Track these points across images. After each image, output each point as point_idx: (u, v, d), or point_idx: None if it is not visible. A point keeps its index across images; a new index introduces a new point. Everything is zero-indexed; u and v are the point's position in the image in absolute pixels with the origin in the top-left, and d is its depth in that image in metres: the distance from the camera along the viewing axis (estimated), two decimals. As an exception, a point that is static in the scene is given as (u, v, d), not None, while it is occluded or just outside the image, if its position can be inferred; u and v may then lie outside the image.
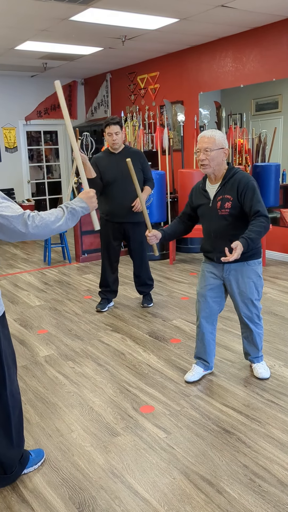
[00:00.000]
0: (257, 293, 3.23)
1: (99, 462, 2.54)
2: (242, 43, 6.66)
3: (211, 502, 2.24)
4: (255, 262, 3.17)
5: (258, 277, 3.21)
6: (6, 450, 2.30)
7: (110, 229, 4.62)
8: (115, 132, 4.36)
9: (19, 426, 2.38)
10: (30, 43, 6.65)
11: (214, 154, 2.96)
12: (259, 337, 3.37)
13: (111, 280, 4.84)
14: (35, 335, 4.27)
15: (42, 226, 2.09)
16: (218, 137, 2.98)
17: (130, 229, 4.61)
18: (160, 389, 3.28)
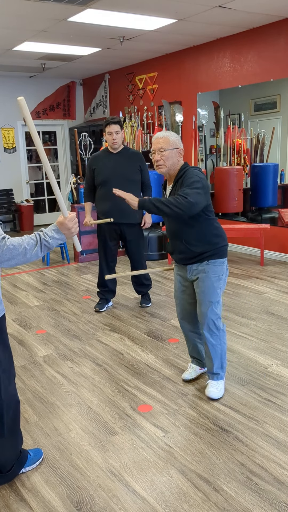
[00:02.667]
0: (215, 295, 3.06)
1: (97, 461, 2.56)
2: (240, 43, 6.68)
3: (208, 500, 2.26)
4: (216, 262, 3.04)
5: (218, 278, 3.05)
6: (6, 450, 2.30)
7: (106, 230, 4.63)
8: (115, 131, 4.38)
9: (12, 425, 2.36)
10: (28, 43, 6.67)
11: (168, 154, 2.94)
12: (214, 351, 3.11)
13: (109, 280, 4.85)
14: (34, 335, 4.29)
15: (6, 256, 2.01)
16: (172, 137, 2.97)
17: (126, 230, 4.62)
18: (158, 388, 3.29)
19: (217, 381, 3.18)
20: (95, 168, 4.54)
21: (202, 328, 3.14)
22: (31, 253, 2.05)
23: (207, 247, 3.02)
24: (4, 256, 2.00)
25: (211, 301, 3.06)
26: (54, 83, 9.88)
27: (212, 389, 3.14)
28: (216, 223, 3.07)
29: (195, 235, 3.01)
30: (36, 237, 2.09)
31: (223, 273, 3.09)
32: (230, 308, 4.77)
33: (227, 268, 3.14)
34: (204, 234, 3.02)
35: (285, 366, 3.54)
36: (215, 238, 3.04)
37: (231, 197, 7.27)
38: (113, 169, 4.45)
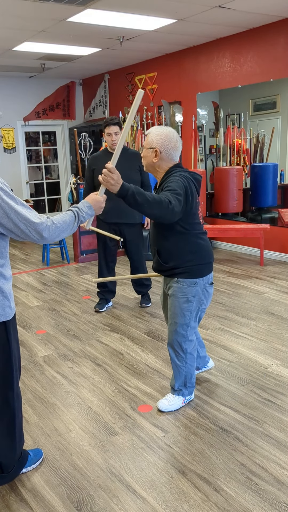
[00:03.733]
0: (182, 317, 2.85)
1: (97, 461, 2.56)
2: (240, 43, 6.68)
3: (208, 500, 2.26)
4: (186, 282, 2.81)
5: (186, 300, 2.83)
6: (8, 451, 2.31)
7: (106, 230, 4.63)
8: (114, 132, 4.39)
9: (20, 427, 2.39)
10: (28, 44, 6.67)
11: (144, 153, 2.80)
12: (178, 372, 2.97)
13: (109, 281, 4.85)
14: (34, 336, 4.29)
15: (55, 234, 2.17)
16: (152, 135, 2.76)
17: (126, 230, 4.62)
18: (158, 389, 3.29)
19: (175, 396, 3.03)
20: (95, 168, 4.55)
21: (167, 344, 3.02)
22: (71, 228, 2.23)
23: (178, 263, 2.81)
24: (54, 234, 2.15)
25: (176, 322, 2.88)
26: (53, 83, 9.88)
27: (163, 401, 3.02)
28: (195, 239, 2.81)
29: (168, 248, 2.81)
30: (74, 213, 2.26)
31: (195, 295, 2.84)
32: (230, 308, 4.77)
33: (204, 288, 2.88)
34: (176, 248, 2.79)
35: (285, 366, 3.54)
36: (189, 255, 2.80)
37: (231, 197, 7.28)
38: None
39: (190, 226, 2.77)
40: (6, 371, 2.26)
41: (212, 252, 2.95)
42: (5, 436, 2.32)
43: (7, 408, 2.30)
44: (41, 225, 2.10)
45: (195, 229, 2.80)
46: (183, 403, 3.06)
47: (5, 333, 2.21)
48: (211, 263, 2.91)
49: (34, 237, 2.11)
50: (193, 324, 2.92)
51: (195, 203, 2.75)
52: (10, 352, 2.25)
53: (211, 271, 2.91)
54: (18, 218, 2.05)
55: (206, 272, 2.87)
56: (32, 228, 2.08)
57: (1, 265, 2.17)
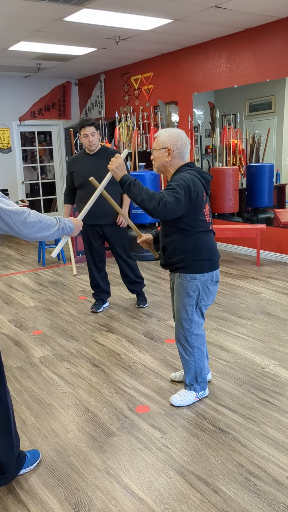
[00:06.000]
0: (184, 311, 2.95)
1: (95, 463, 2.55)
2: (236, 44, 6.68)
3: (207, 501, 2.25)
4: (186, 277, 2.89)
5: (187, 294, 2.91)
6: (6, 450, 2.30)
7: (89, 231, 4.61)
8: (91, 133, 4.37)
9: (15, 425, 2.38)
10: (24, 43, 6.64)
11: (156, 154, 2.88)
12: (187, 366, 3.05)
13: (100, 281, 4.83)
14: (30, 336, 4.27)
15: (37, 226, 2.18)
16: (162, 136, 2.85)
17: (108, 231, 4.59)
18: (156, 389, 3.28)
19: (187, 391, 3.09)
20: (73, 170, 4.55)
21: (175, 339, 3.10)
22: (52, 229, 2.26)
23: (180, 258, 2.88)
24: (36, 225, 2.18)
25: (180, 317, 2.98)
26: (49, 83, 9.86)
27: (176, 396, 3.08)
28: (199, 236, 2.86)
29: (172, 244, 2.90)
30: (56, 218, 2.31)
31: (195, 290, 2.90)
32: (227, 308, 4.77)
33: (205, 285, 2.91)
34: (180, 244, 2.88)
35: (282, 366, 3.54)
36: (192, 250, 2.86)
37: (227, 197, 7.28)
38: (91, 170, 4.41)
39: (194, 223, 2.83)
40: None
41: (217, 250, 2.99)
42: (2, 435, 2.31)
43: (0, 406, 2.29)
44: (23, 214, 2.14)
45: (199, 227, 2.86)
46: (196, 398, 3.10)
47: None
48: (214, 260, 2.94)
49: (18, 228, 2.13)
50: (197, 318, 2.98)
51: (199, 201, 2.79)
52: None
53: (215, 269, 2.95)
54: (2, 211, 2.09)
55: (207, 269, 2.90)
56: (16, 218, 2.11)
57: None
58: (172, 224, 2.85)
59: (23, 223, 2.13)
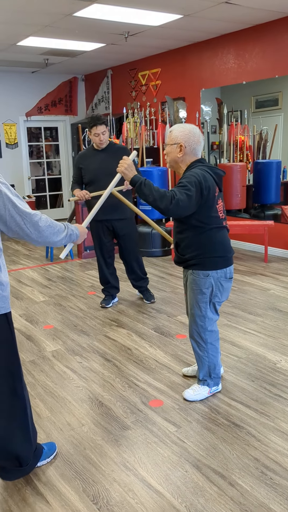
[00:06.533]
0: (198, 308, 2.95)
1: (111, 456, 2.56)
2: (245, 40, 6.67)
3: (224, 494, 2.27)
4: (199, 274, 2.89)
5: (200, 291, 2.91)
6: (23, 443, 2.32)
7: (99, 227, 4.62)
8: (102, 132, 4.38)
9: (32, 418, 2.40)
10: (32, 38, 6.64)
11: (168, 150, 2.88)
12: (201, 362, 3.06)
13: (110, 277, 4.85)
14: (41, 330, 4.29)
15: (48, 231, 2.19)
16: (175, 132, 2.84)
17: (117, 225, 4.60)
18: (168, 384, 3.30)
19: (200, 386, 3.11)
20: (82, 167, 4.55)
21: (189, 336, 3.12)
22: (61, 235, 2.25)
23: (194, 254, 2.88)
24: (47, 230, 2.18)
25: (193, 313, 3.00)
26: (56, 78, 9.85)
27: (189, 390, 3.10)
28: (211, 232, 2.85)
29: (185, 240, 2.91)
30: (64, 224, 2.30)
31: (208, 287, 2.90)
32: (236, 304, 4.78)
33: (218, 281, 2.91)
34: (193, 241, 2.87)
35: (294, 362, 3.56)
36: (205, 247, 2.86)
37: (234, 193, 7.27)
38: (99, 167, 4.43)
39: (206, 219, 2.82)
40: (13, 362, 2.28)
41: (230, 246, 2.98)
42: (20, 428, 2.33)
43: (18, 399, 2.31)
44: (35, 216, 2.13)
45: (211, 223, 2.84)
46: (209, 393, 3.11)
47: (8, 325, 2.23)
48: (228, 257, 2.93)
49: (28, 230, 2.12)
50: (210, 315, 2.99)
51: (211, 197, 2.78)
52: (15, 343, 2.28)
53: (229, 265, 2.94)
54: (15, 210, 2.08)
55: (220, 265, 2.90)
56: (27, 220, 2.10)
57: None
58: (185, 221, 2.85)
59: (34, 225, 2.12)
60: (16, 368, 2.30)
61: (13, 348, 2.28)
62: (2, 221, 2.08)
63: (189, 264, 2.94)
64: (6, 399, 2.27)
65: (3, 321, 2.22)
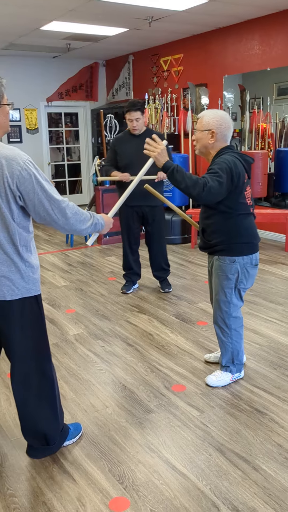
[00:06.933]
0: (223, 294, 2.96)
1: (136, 438, 2.60)
2: (270, 25, 6.57)
3: (248, 478, 2.29)
4: (226, 259, 2.90)
5: (226, 277, 2.92)
6: (51, 422, 2.37)
7: (129, 212, 4.64)
8: (135, 119, 4.40)
9: (59, 398, 2.45)
10: (56, 23, 6.62)
11: (198, 135, 2.88)
12: (224, 348, 3.07)
13: (133, 263, 4.88)
14: (64, 314, 4.33)
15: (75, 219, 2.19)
16: (207, 118, 2.84)
17: (148, 212, 4.62)
18: (191, 369, 3.32)
19: (223, 372, 3.13)
20: (118, 150, 4.56)
21: (213, 322, 3.14)
22: (86, 224, 2.25)
23: (219, 240, 2.89)
24: (74, 218, 2.17)
25: (218, 299, 3.01)
26: (77, 64, 9.82)
27: (211, 376, 3.12)
28: (239, 218, 2.86)
29: (212, 226, 2.92)
30: (89, 213, 2.29)
31: (234, 273, 2.91)
32: (257, 293, 4.77)
33: (244, 267, 2.91)
34: (221, 226, 2.88)
35: (316, 351, 3.55)
36: (232, 233, 2.87)
37: (255, 181, 7.21)
38: (135, 152, 4.43)
39: (235, 205, 2.83)
40: (42, 343, 2.32)
41: (257, 233, 2.99)
42: (48, 408, 2.37)
43: (46, 380, 2.35)
44: (63, 202, 2.14)
45: (240, 209, 2.86)
46: (231, 380, 3.13)
47: (38, 307, 2.27)
48: (254, 243, 2.94)
49: (55, 216, 2.12)
50: (235, 301, 3.00)
51: (241, 184, 2.78)
52: (44, 325, 2.33)
53: (255, 252, 2.95)
54: (44, 194, 2.08)
55: (247, 252, 2.91)
56: (55, 205, 2.10)
57: (29, 241, 2.19)
58: (213, 207, 2.86)
59: (62, 212, 2.13)
60: (45, 350, 2.35)
61: (42, 330, 2.33)
62: (31, 205, 2.09)
63: (216, 249, 2.94)
64: (35, 379, 2.32)
65: (34, 303, 2.26)
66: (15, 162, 2.02)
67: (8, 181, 2.01)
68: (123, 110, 4.64)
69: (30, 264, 2.19)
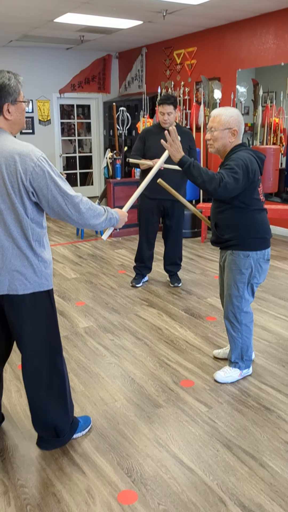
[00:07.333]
0: (235, 288, 2.99)
1: (144, 432, 2.63)
2: (285, 19, 6.51)
3: (254, 474, 2.32)
4: (239, 254, 2.93)
5: (239, 271, 2.95)
6: (61, 414, 2.41)
7: (149, 205, 4.66)
8: (167, 112, 4.40)
9: (70, 391, 2.49)
10: (70, 15, 6.60)
11: (217, 134, 2.86)
12: (234, 343, 3.09)
13: (147, 256, 4.90)
14: (74, 307, 4.37)
15: (89, 214, 2.21)
16: (225, 116, 2.84)
17: (169, 206, 4.64)
18: (199, 365, 3.35)
19: (231, 368, 3.14)
20: (146, 141, 4.57)
21: (223, 317, 3.16)
22: (100, 219, 2.26)
23: (233, 235, 2.92)
24: (88, 212, 2.19)
25: (230, 294, 3.02)
26: (90, 55, 9.80)
27: (220, 372, 3.14)
28: (253, 213, 2.90)
29: (225, 220, 2.94)
30: (104, 208, 2.32)
31: (248, 268, 2.94)
32: (267, 289, 4.78)
33: (258, 262, 2.94)
34: (234, 221, 2.91)
35: None
36: (244, 228, 2.90)
37: (266, 177, 7.19)
38: (161, 146, 4.44)
39: (249, 201, 2.87)
40: (53, 337, 2.36)
41: (270, 228, 3.02)
42: (58, 400, 2.41)
43: (57, 373, 2.39)
44: (76, 198, 2.15)
45: (253, 205, 2.90)
46: (239, 376, 3.15)
47: (50, 301, 2.31)
48: (267, 238, 2.97)
49: (69, 211, 2.14)
50: (247, 296, 3.03)
51: (256, 180, 2.83)
52: (56, 319, 2.37)
53: (267, 247, 2.98)
54: (57, 190, 2.10)
55: (260, 247, 2.94)
56: (69, 201, 2.12)
57: (42, 236, 2.22)
58: (227, 201, 2.89)
59: (75, 207, 2.15)
60: (57, 343, 2.38)
61: (54, 324, 2.36)
62: (44, 201, 2.11)
63: (229, 244, 2.97)
64: (46, 372, 2.35)
65: (45, 297, 2.29)
66: (28, 158, 2.04)
67: (22, 177, 2.03)
68: (136, 103, 4.64)
69: (42, 259, 2.22)
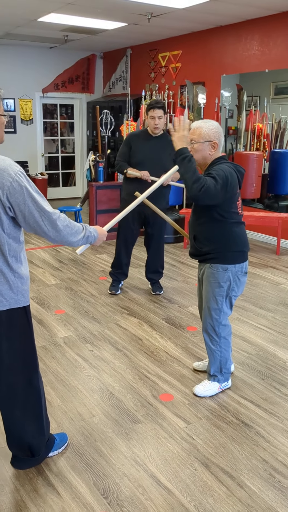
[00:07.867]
0: (214, 301, 2.98)
1: (121, 449, 2.60)
2: (270, 26, 6.52)
3: (232, 495, 2.30)
4: (218, 267, 2.92)
5: (218, 284, 2.94)
6: (37, 433, 2.35)
7: (131, 212, 4.59)
8: (158, 116, 4.34)
9: (46, 409, 2.43)
10: (54, 15, 6.52)
11: (197, 147, 2.86)
12: (213, 356, 3.07)
13: (124, 263, 4.85)
14: (53, 315, 4.31)
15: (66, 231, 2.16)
16: (206, 129, 2.85)
17: (151, 214, 4.58)
18: (179, 378, 3.32)
19: (210, 382, 3.13)
20: (132, 146, 4.50)
21: (202, 330, 3.14)
22: (78, 236, 2.22)
23: (212, 248, 2.92)
24: (66, 230, 2.14)
25: (209, 306, 3.01)
26: (74, 55, 9.71)
27: (199, 386, 3.13)
28: (231, 227, 2.90)
29: (204, 233, 2.94)
30: (82, 225, 2.27)
31: (226, 281, 2.93)
32: (247, 298, 4.78)
33: (236, 275, 2.94)
34: (212, 234, 2.91)
35: (304, 361, 3.56)
36: (223, 241, 2.90)
37: (249, 183, 7.20)
38: (149, 153, 4.41)
39: (227, 214, 2.88)
40: (29, 355, 2.31)
41: (247, 242, 3.03)
42: (34, 419, 2.36)
43: (33, 390, 2.33)
44: (54, 215, 2.11)
45: (232, 218, 2.90)
46: (219, 389, 3.14)
47: (26, 318, 2.26)
48: (245, 252, 2.98)
49: (46, 227, 2.10)
50: (225, 309, 3.03)
51: (233, 194, 2.84)
52: (32, 335, 2.32)
53: (245, 260, 2.99)
54: (34, 206, 2.06)
55: (238, 260, 2.94)
56: (46, 217, 2.08)
57: (19, 251, 2.17)
58: (206, 214, 2.89)
59: (52, 224, 2.10)
60: (33, 360, 2.33)
61: (30, 340, 2.31)
62: (21, 216, 2.07)
63: (208, 257, 2.96)
64: (22, 390, 2.30)
65: (22, 314, 2.24)
66: (6, 173, 1.99)
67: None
68: (120, 104, 4.58)
69: (19, 275, 2.17)
